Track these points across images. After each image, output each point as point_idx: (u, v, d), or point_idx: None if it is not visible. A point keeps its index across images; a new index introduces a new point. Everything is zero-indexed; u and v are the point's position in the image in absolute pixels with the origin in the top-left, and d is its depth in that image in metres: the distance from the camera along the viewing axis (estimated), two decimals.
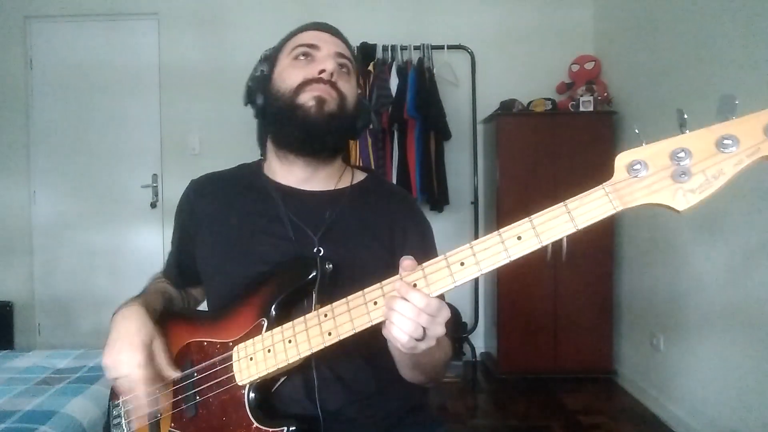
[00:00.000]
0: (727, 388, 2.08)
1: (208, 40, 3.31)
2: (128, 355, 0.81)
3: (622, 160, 0.62)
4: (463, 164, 3.38)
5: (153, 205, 3.39)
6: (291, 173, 0.93)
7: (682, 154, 0.59)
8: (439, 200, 3.12)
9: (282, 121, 0.88)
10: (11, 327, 3.32)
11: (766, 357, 1.88)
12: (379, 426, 0.87)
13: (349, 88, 0.91)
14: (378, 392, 0.88)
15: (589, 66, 3.18)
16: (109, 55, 3.36)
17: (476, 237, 3.27)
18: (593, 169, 3.08)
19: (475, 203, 3.33)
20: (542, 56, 3.34)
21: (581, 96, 2.99)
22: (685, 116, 0.60)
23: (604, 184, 0.62)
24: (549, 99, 3.08)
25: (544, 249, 0.64)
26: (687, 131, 0.60)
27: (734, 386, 2.04)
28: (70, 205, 3.40)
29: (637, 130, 0.63)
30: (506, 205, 2.97)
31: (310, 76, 0.87)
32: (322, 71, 0.86)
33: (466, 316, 3.30)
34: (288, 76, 0.88)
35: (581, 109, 2.96)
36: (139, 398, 0.82)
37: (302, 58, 0.88)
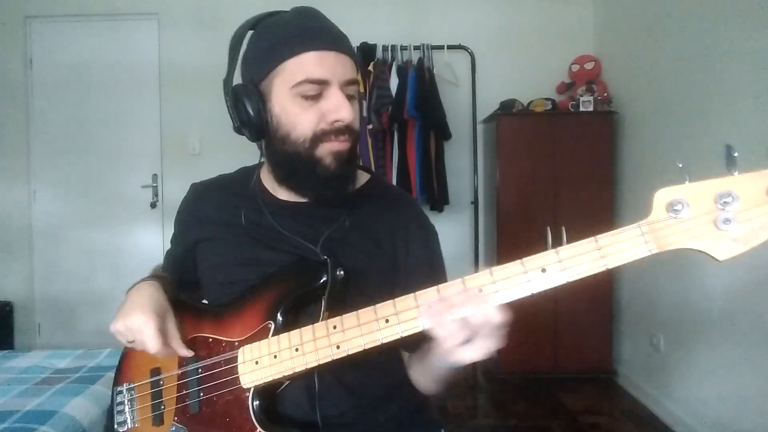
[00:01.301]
0: (727, 388, 2.08)
1: (208, 40, 3.30)
2: (140, 320, 0.79)
3: (662, 198, 0.56)
4: (463, 164, 3.38)
5: (153, 205, 3.38)
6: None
7: (728, 199, 0.53)
8: (439, 200, 3.12)
9: (294, 170, 0.83)
10: (11, 327, 3.31)
11: (765, 357, 1.88)
12: (380, 429, 0.87)
13: (356, 116, 0.84)
14: (381, 396, 0.88)
15: (589, 66, 3.18)
16: (109, 55, 3.36)
17: (476, 237, 3.23)
18: (593, 169, 3.09)
19: (475, 203, 3.33)
20: (542, 56, 3.34)
21: (581, 96, 2.99)
22: (735, 154, 0.53)
23: (640, 222, 0.57)
24: (549, 99, 3.08)
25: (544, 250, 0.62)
26: (736, 172, 0.53)
27: (734, 386, 2.04)
28: (70, 205, 3.40)
29: (680, 165, 0.56)
30: (506, 205, 2.96)
31: (325, 127, 0.80)
32: (336, 121, 0.79)
33: None
34: (297, 120, 0.80)
35: (581, 109, 2.96)
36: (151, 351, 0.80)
37: (310, 95, 0.79)
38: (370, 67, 3.06)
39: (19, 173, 3.36)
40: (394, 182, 3.04)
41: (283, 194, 0.90)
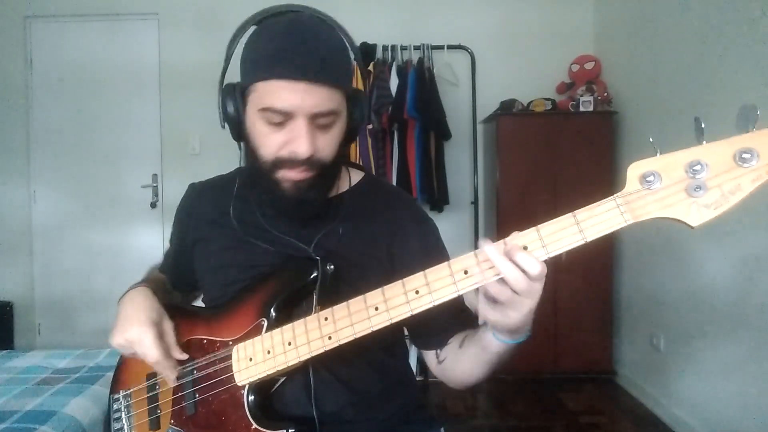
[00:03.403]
0: (727, 388, 2.08)
1: (208, 40, 3.30)
2: (138, 331, 0.81)
3: (634, 171, 0.59)
4: (463, 164, 3.38)
5: (153, 205, 3.38)
6: None
7: (698, 167, 0.56)
8: (439, 200, 3.12)
9: (261, 185, 0.83)
10: (11, 327, 3.32)
11: (766, 357, 1.88)
12: (379, 427, 0.87)
13: (330, 141, 0.80)
14: (379, 393, 0.88)
15: (589, 66, 3.18)
16: (109, 55, 3.36)
17: (476, 237, 3.23)
18: (593, 169, 3.09)
19: (475, 203, 3.33)
20: (542, 56, 3.34)
21: (581, 96, 2.99)
22: (703, 125, 0.57)
23: (615, 195, 0.60)
24: (549, 99, 3.08)
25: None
26: (704, 142, 0.57)
27: (734, 386, 2.04)
28: (70, 205, 3.40)
29: (651, 139, 0.59)
30: (506, 205, 2.96)
31: (284, 155, 0.77)
32: (294, 153, 0.77)
33: None
34: (262, 142, 0.79)
35: (581, 109, 2.96)
36: (161, 370, 0.84)
37: (275, 122, 0.77)
38: (370, 67, 3.06)
39: (19, 173, 3.37)
40: (394, 182, 3.04)
41: None
